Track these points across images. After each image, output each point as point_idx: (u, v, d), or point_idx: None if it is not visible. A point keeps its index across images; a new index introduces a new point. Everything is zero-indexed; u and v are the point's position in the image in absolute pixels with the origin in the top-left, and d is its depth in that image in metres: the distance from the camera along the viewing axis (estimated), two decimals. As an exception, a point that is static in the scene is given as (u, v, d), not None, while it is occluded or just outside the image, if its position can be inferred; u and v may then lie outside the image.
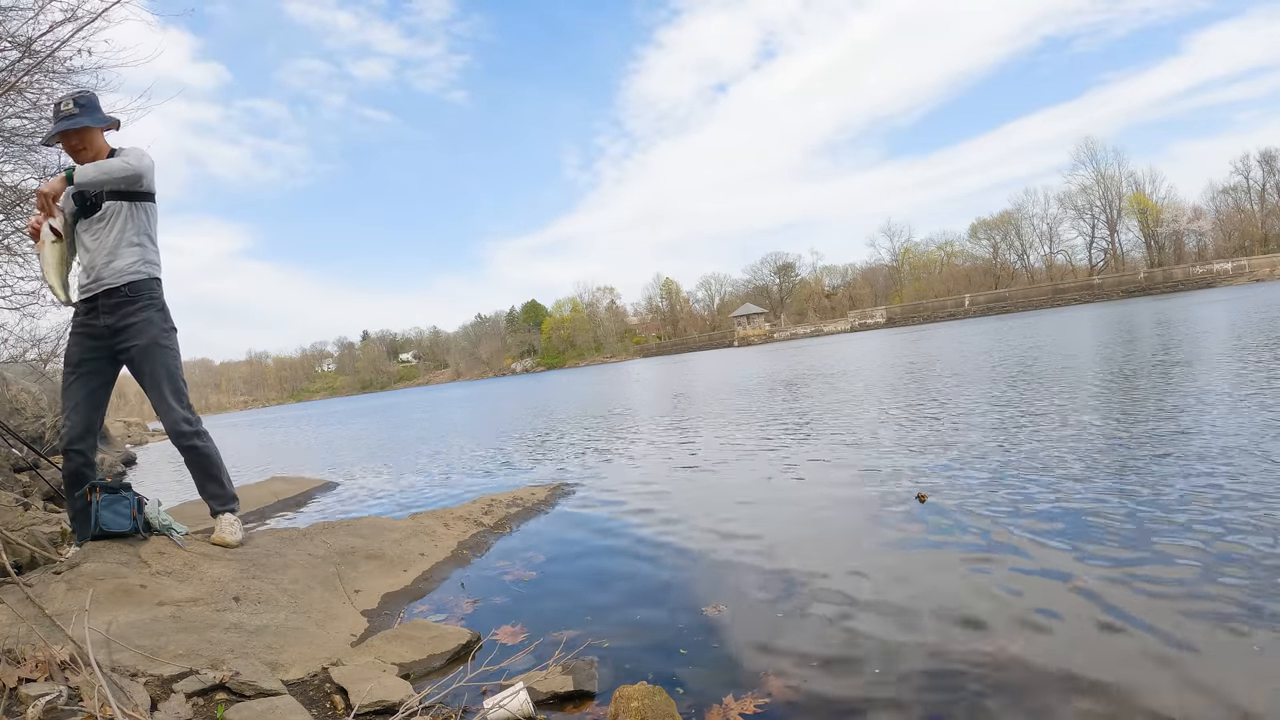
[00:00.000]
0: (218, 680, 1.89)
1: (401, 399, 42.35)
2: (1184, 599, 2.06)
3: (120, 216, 2.94)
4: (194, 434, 3.03)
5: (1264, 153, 58.08)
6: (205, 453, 3.07)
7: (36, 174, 5.80)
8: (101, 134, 2.98)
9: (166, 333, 3.01)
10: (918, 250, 75.68)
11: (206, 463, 3.09)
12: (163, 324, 3.01)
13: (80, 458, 2.90)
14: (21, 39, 4.52)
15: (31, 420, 8.19)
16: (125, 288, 2.92)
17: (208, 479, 3.11)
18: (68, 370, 2.92)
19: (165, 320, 3.03)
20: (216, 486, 3.12)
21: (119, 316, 2.91)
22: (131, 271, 2.94)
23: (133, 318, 2.92)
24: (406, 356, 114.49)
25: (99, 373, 2.94)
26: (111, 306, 2.90)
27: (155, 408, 3.01)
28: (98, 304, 2.91)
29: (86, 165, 2.74)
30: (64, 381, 2.93)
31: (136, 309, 2.93)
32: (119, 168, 2.79)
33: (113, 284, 2.90)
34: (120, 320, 2.91)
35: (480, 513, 4.18)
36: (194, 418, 3.06)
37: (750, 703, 1.76)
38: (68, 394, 2.91)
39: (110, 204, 2.92)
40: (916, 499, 3.48)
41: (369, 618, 2.65)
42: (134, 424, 28.81)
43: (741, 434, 6.71)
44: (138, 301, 2.94)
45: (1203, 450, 3.72)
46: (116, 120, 3.06)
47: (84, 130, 2.89)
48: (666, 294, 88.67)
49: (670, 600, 2.56)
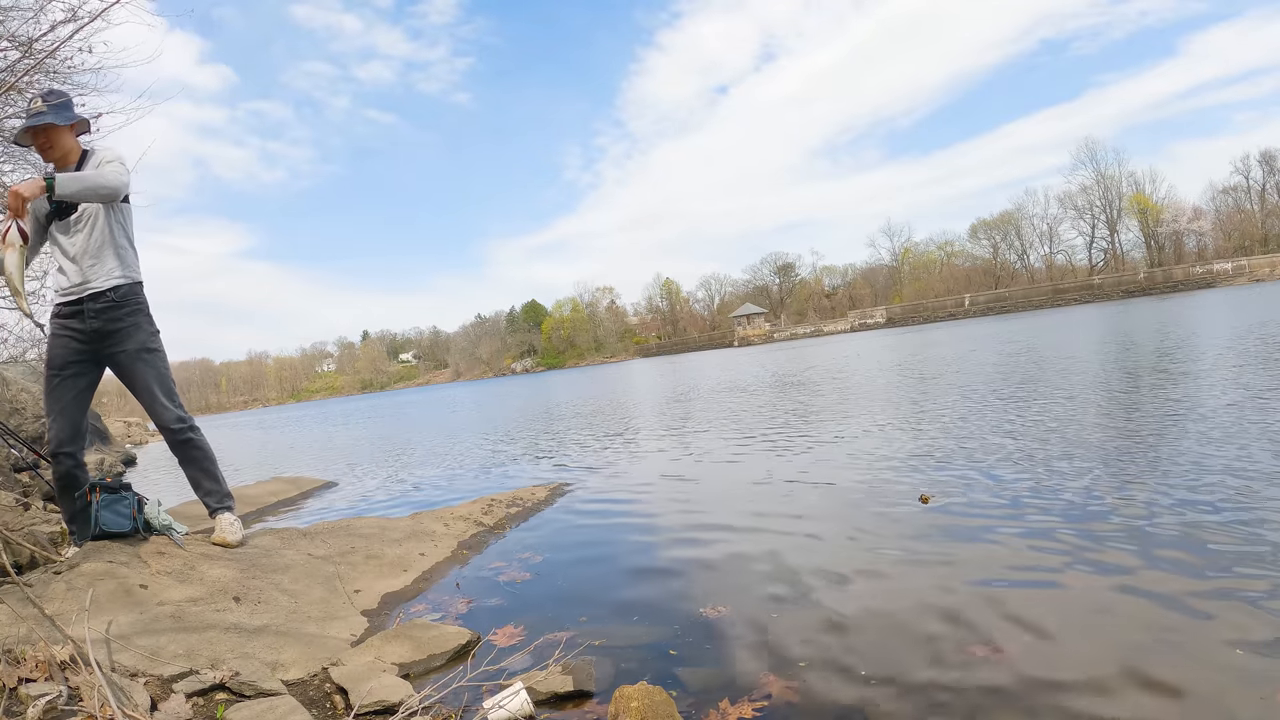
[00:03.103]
0: (218, 680, 1.89)
1: (401, 399, 42.34)
2: (1188, 600, 2.06)
3: (99, 219, 2.92)
4: (188, 429, 3.06)
5: (1264, 153, 58.09)
6: (200, 447, 3.10)
7: (36, 174, 5.80)
8: (70, 133, 2.94)
9: (153, 336, 3.04)
10: (918, 250, 75.68)
11: (202, 458, 3.11)
12: (149, 328, 3.03)
13: (70, 460, 2.89)
14: (22, 39, 4.52)
15: (31, 420, 8.19)
16: (111, 292, 2.91)
17: (204, 475, 3.12)
18: (52, 374, 2.90)
19: (151, 324, 3.05)
20: (212, 483, 3.13)
21: (105, 321, 2.90)
22: (118, 276, 2.94)
23: (120, 323, 2.92)
24: (406, 356, 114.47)
25: (84, 375, 2.94)
26: (98, 311, 2.89)
27: (148, 409, 3.02)
28: (83, 307, 2.89)
29: (67, 177, 2.67)
30: (48, 384, 2.91)
31: (124, 313, 2.94)
32: (101, 186, 2.72)
33: (99, 287, 2.89)
34: (107, 325, 2.90)
35: (480, 513, 4.18)
36: (186, 415, 3.09)
37: (751, 704, 1.76)
38: (53, 396, 2.89)
39: (87, 207, 2.91)
40: (919, 500, 3.47)
41: (369, 618, 2.65)
42: (134, 424, 28.81)
43: (742, 434, 6.71)
44: (125, 307, 2.94)
45: (1208, 453, 3.72)
46: (86, 121, 3.04)
47: (50, 128, 2.86)
48: (666, 294, 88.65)
49: (670, 601, 2.56)
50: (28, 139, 2.92)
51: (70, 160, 2.95)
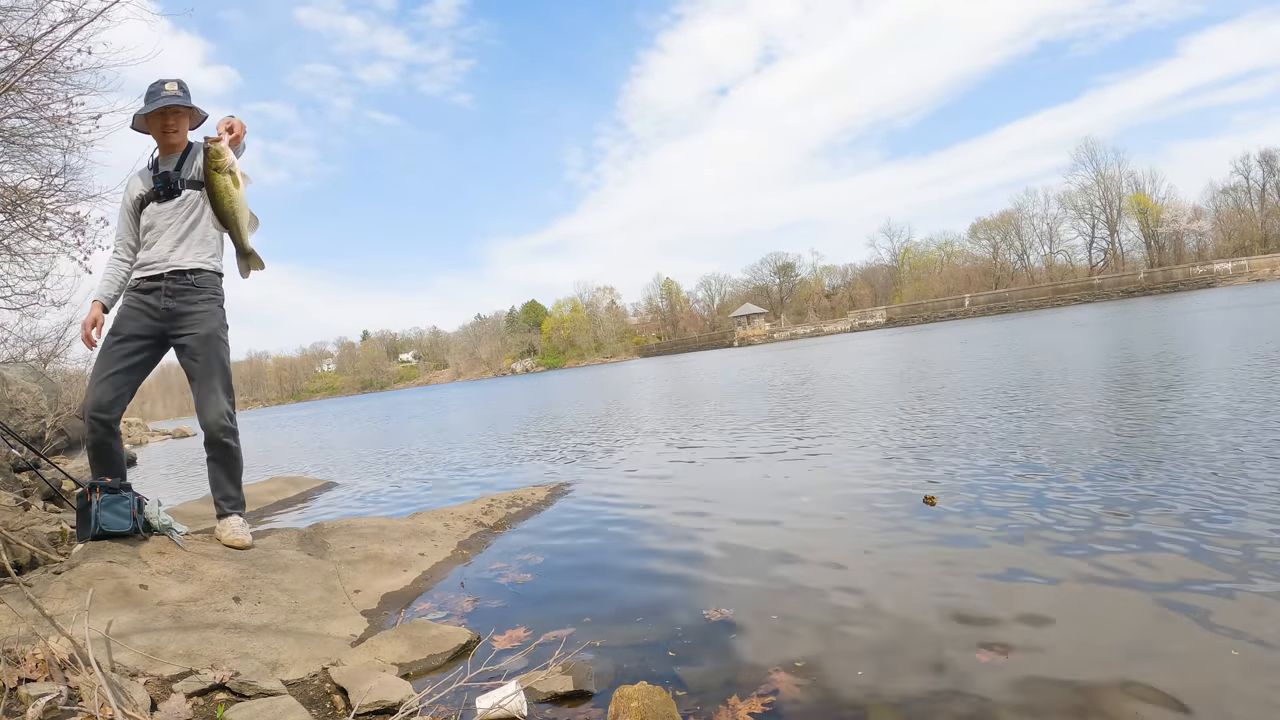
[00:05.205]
0: (218, 680, 1.89)
1: (401, 399, 42.33)
2: (1192, 602, 2.06)
3: (198, 206, 2.99)
4: (232, 431, 3.06)
5: (1264, 153, 58.08)
6: (235, 452, 3.10)
7: (37, 174, 5.80)
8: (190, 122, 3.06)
9: (225, 327, 3.07)
10: (918, 250, 75.65)
11: (233, 462, 3.11)
12: (223, 318, 3.06)
13: (104, 429, 2.83)
14: (22, 39, 4.52)
15: (31, 420, 8.19)
16: (192, 275, 2.95)
17: (228, 479, 3.11)
18: (113, 338, 2.89)
19: (224, 315, 3.08)
20: (233, 489, 3.14)
21: (181, 302, 2.93)
22: (202, 260, 2.99)
23: (195, 307, 2.95)
24: (406, 356, 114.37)
25: (145, 350, 2.95)
26: (175, 291, 2.92)
27: (201, 398, 2.98)
28: (161, 285, 2.92)
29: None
30: (104, 350, 2.89)
31: (200, 299, 2.97)
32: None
33: (180, 266, 2.93)
34: (182, 306, 2.93)
35: (480, 513, 4.17)
36: (235, 417, 3.09)
37: (752, 704, 1.76)
38: (105, 360, 2.86)
39: (192, 192, 2.97)
40: (924, 501, 3.46)
41: (369, 618, 2.65)
42: (134, 424, 28.75)
43: (742, 434, 6.71)
44: (203, 292, 2.98)
45: (1214, 454, 3.72)
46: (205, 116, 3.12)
47: (181, 111, 2.98)
48: (666, 294, 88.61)
49: (671, 601, 2.56)
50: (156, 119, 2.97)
51: (178, 149, 3.03)
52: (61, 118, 5.13)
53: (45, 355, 12.99)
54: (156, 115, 2.96)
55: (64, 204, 5.66)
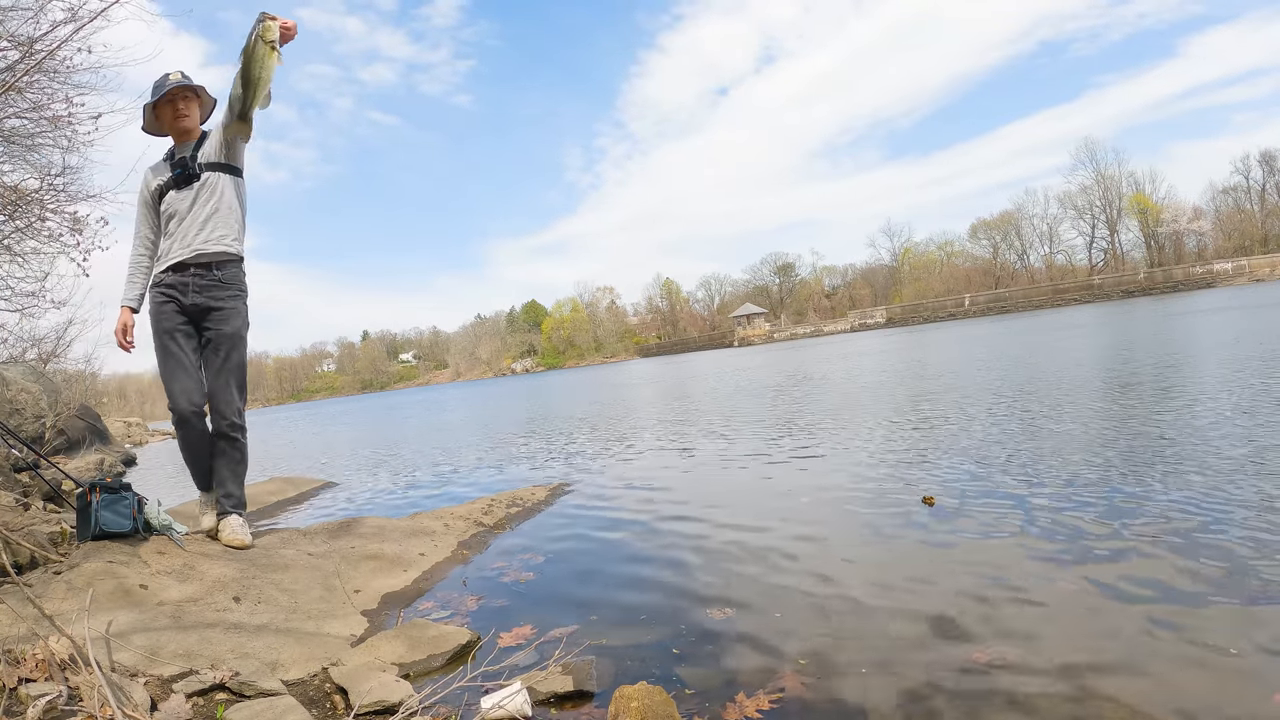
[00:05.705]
0: (218, 680, 1.89)
1: (401, 399, 42.33)
2: (1188, 606, 2.06)
3: (220, 189, 3.00)
4: (241, 428, 3.11)
5: (1264, 153, 58.11)
6: (242, 450, 3.16)
7: (36, 174, 5.79)
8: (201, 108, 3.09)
9: (247, 325, 3.12)
10: (918, 250, 75.65)
11: (239, 460, 3.16)
12: (246, 315, 3.11)
13: (202, 421, 2.98)
14: (22, 39, 4.52)
15: (31, 420, 8.19)
16: (216, 266, 2.97)
17: (231, 476, 3.14)
18: (166, 337, 2.96)
19: (248, 313, 3.13)
20: (235, 486, 3.16)
21: (209, 298, 2.97)
22: (226, 244, 3.00)
23: (224, 303, 2.99)
24: (406, 356, 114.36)
25: (193, 336, 3.02)
26: (201, 286, 2.95)
27: (216, 395, 3.03)
28: (189, 280, 2.94)
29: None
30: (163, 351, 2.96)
31: (228, 295, 3.01)
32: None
33: (204, 250, 2.94)
34: (210, 302, 2.97)
35: (480, 513, 4.17)
36: (244, 414, 3.15)
37: (759, 701, 1.76)
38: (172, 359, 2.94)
39: (210, 175, 2.98)
40: (923, 502, 3.46)
41: (369, 618, 2.64)
42: (134, 424, 28.77)
43: (743, 434, 6.71)
44: (230, 288, 3.01)
45: (1214, 454, 3.72)
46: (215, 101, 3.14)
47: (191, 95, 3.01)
48: (666, 294, 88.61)
49: (671, 601, 2.56)
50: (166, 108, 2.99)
51: (192, 136, 3.05)
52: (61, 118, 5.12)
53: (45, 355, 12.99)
54: (166, 104, 2.97)
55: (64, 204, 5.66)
